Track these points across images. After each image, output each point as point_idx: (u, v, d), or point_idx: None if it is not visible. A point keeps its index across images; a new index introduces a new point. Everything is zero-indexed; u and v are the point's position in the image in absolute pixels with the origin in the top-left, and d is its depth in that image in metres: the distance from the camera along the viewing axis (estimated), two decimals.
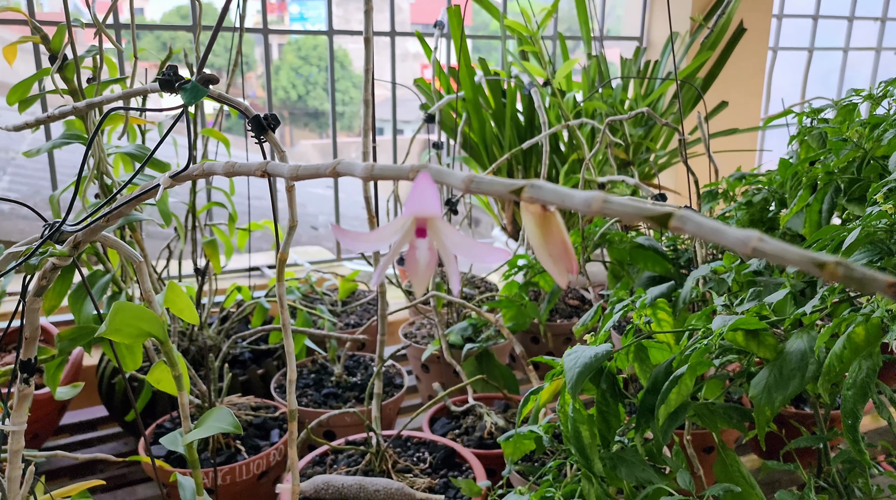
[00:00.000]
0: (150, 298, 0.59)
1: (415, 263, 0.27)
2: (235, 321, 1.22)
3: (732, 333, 0.67)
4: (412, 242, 0.27)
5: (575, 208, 0.26)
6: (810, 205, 0.85)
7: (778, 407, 0.63)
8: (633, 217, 0.25)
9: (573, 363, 0.66)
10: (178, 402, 0.60)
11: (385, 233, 0.26)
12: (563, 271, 0.29)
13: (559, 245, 0.29)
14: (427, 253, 0.26)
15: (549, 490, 0.73)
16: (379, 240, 0.27)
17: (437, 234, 0.27)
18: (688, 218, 0.24)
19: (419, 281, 0.27)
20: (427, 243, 0.26)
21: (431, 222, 0.26)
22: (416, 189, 0.25)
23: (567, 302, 1.41)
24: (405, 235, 0.27)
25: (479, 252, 0.27)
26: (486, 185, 0.28)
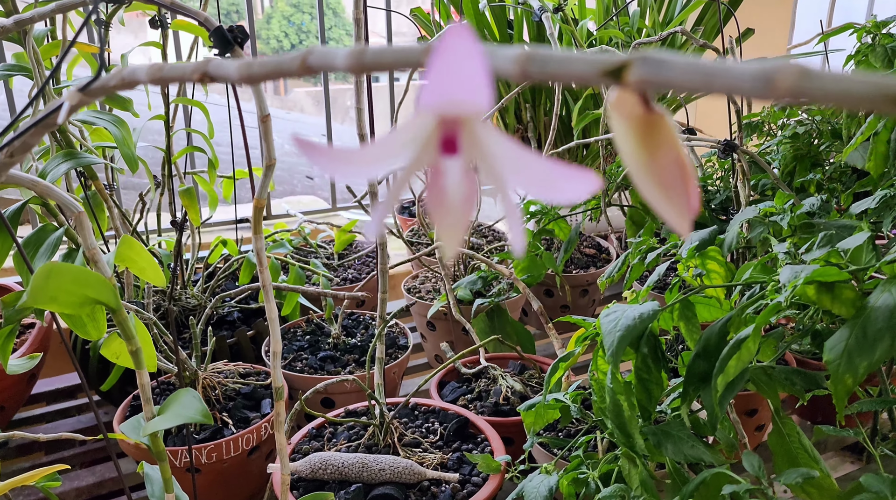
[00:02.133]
0: (94, 256, 0.48)
1: (441, 196, 0.15)
2: (222, 278, 1.11)
3: (802, 286, 0.56)
4: (435, 163, 0.15)
5: (742, 92, 0.14)
6: (878, 133, 0.73)
7: (862, 375, 0.52)
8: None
9: (612, 326, 0.55)
10: (138, 381, 0.49)
11: (386, 149, 0.15)
12: (683, 209, 0.18)
13: (673, 168, 0.18)
14: (462, 181, 0.15)
15: (581, 470, 0.63)
16: (376, 160, 0.15)
17: (478, 147, 0.15)
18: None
19: (451, 228, 0.16)
20: (461, 165, 0.15)
21: (468, 128, 0.15)
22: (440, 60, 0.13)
23: (582, 251, 1.30)
24: (421, 150, 0.15)
25: (552, 178, 0.15)
26: (556, 65, 0.16)
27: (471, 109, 0.14)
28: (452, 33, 0.13)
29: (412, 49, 0.18)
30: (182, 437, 0.80)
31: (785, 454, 0.65)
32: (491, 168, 0.16)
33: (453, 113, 0.15)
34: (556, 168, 0.15)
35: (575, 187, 0.15)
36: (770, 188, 0.96)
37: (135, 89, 0.30)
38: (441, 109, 0.15)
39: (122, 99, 0.76)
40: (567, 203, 0.13)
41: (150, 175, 0.94)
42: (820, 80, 0.13)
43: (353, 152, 0.15)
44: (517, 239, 0.16)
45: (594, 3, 1.47)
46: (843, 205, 0.83)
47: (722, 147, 0.84)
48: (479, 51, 0.13)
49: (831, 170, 0.87)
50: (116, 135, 0.78)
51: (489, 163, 0.16)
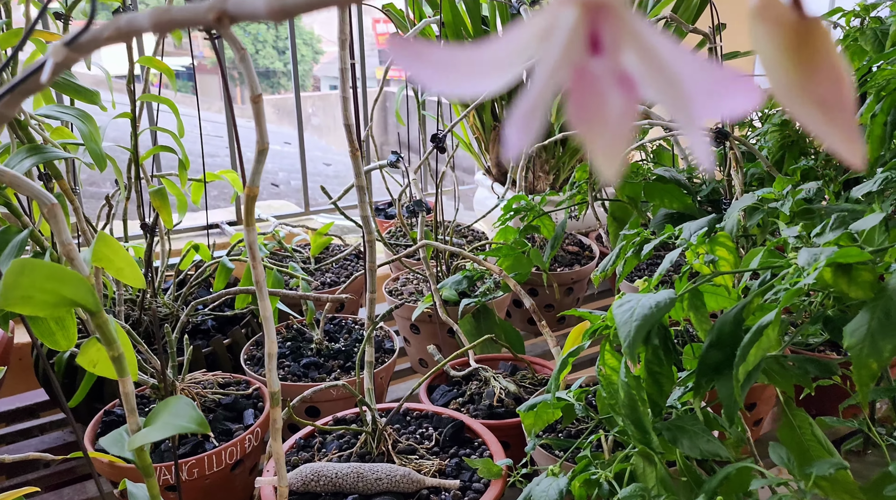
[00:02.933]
0: (70, 252, 0.43)
1: (591, 108, 0.12)
2: (194, 285, 1.06)
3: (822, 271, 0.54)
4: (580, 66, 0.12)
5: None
6: (875, 116, 0.72)
7: (888, 358, 0.50)
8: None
9: (628, 316, 0.53)
10: (120, 391, 0.44)
11: (510, 49, 0.12)
12: (849, 130, 0.14)
13: (831, 81, 0.15)
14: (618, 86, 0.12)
15: (591, 471, 0.60)
16: (495, 65, 0.12)
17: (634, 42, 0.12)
18: None
19: (609, 145, 0.12)
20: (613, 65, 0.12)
21: (618, 20, 0.12)
22: None
23: (565, 249, 1.27)
24: (563, 48, 0.12)
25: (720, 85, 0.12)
26: None
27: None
28: None
29: None
30: (160, 454, 0.75)
31: (797, 447, 0.63)
32: (653, 72, 0.12)
33: None
34: (720, 73, 0.12)
35: (738, 99, 0.12)
36: (757, 179, 0.95)
37: (96, 84, 0.26)
38: None
39: (88, 91, 0.71)
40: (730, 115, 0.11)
41: (118, 172, 0.88)
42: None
43: (464, 55, 0.12)
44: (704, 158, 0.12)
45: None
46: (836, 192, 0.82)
47: (714, 135, 0.83)
48: None
49: (821, 157, 0.86)
50: (83, 130, 0.73)
51: (651, 65, 0.12)
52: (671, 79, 0.12)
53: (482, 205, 1.58)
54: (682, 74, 0.12)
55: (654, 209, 1.03)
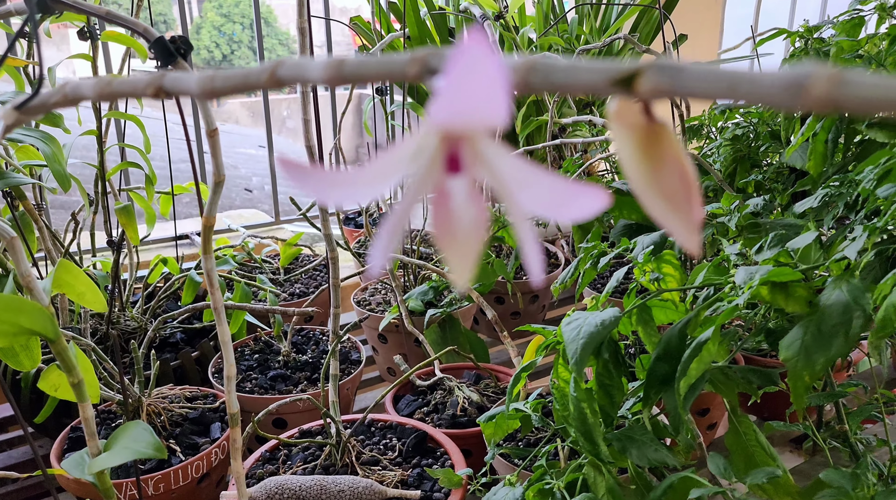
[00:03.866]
0: (29, 283, 0.44)
1: (449, 221, 0.14)
2: (163, 299, 1.06)
3: (759, 287, 0.56)
4: (439, 181, 0.14)
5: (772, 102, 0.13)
6: (816, 134, 0.75)
7: (820, 371, 0.53)
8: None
9: (575, 334, 0.55)
10: (81, 416, 0.46)
11: (382, 169, 0.14)
12: (688, 221, 0.17)
13: (676, 177, 0.17)
14: (470, 202, 0.14)
15: (546, 480, 0.62)
16: (371, 182, 0.14)
17: (483, 164, 0.14)
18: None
19: (461, 253, 0.14)
20: (467, 184, 0.14)
21: (472, 145, 0.14)
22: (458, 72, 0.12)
23: None
24: (426, 169, 0.14)
25: (562, 195, 0.14)
26: (562, 75, 0.15)
27: (484, 124, 0.13)
28: (470, 42, 0.12)
29: (397, 61, 0.17)
30: (126, 468, 0.76)
31: (742, 452, 0.66)
32: (499, 186, 0.14)
33: (462, 129, 0.13)
34: (565, 185, 0.14)
35: (584, 204, 0.14)
36: (712, 190, 0.98)
37: None
38: (455, 125, 0.13)
39: (52, 114, 0.72)
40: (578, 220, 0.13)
41: (83, 193, 0.89)
42: (856, 88, 0.12)
43: (344, 175, 0.14)
44: (534, 266, 0.14)
45: (534, 10, 1.48)
46: (783, 204, 0.86)
47: None
48: (497, 62, 0.12)
49: (770, 170, 0.89)
50: (46, 152, 0.73)
51: (497, 181, 0.14)
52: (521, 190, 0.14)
53: None
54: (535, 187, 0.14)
55: (615, 219, 1.06)
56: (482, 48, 0.12)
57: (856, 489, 0.50)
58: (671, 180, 0.17)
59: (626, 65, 0.15)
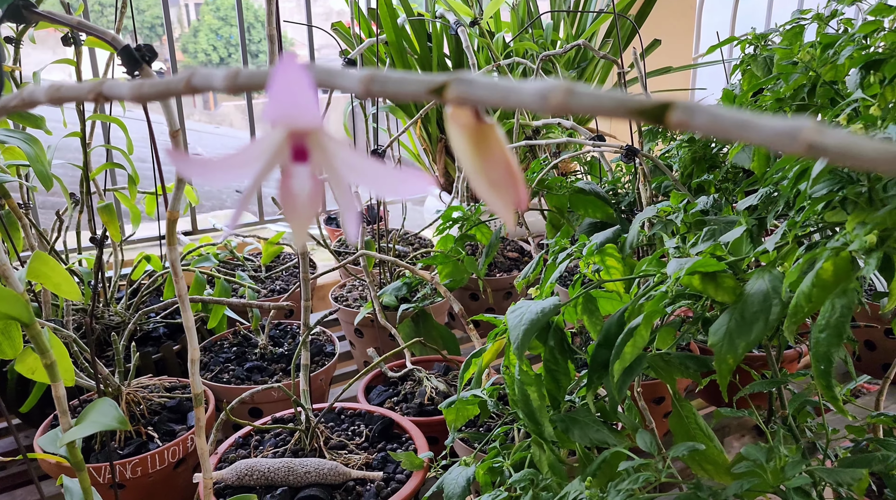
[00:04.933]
0: (5, 272, 0.49)
1: (290, 196, 0.18)
2: (146, 294, 1.10)
3: (688, 277, 0.61)
4: (286, 168, 0.18)
5: (526, 106, 0.18)
6: None
7: (741, 355, 0.57)
8: (613, 112, 0.17)
9: (518, 321, 0.59)
10: (53, 394, 0.50)
11: (245, 157, 0.18)
12: (509, 204, 0.21)
13: (501, 168, 0.21)
14: (308, 182, 0.18)
15: (496, 460, 0.66)
16: (237, 166, 0.18)
17: (324, 155, 0.18)
18: (694, 110, 0.16)
19: (298, 221, 0.19)
20: (308, 170, 0.18)
21: (315, 139, 0.18)
22: (277, 84, 0.16)
23: (505, 255, 1.34)
24: (274, 157, 0.18)
25: (388, 179, 0.18)
26: (394, 84, 0.19)
27: (308, 124, 0.17)
28: (285, 62, 0.16)
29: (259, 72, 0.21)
30: (106, 454, 0.80)
31: (684, 433, 0.70)
32: (335, 171, 0.19)
33: (296, 126, 0.18)
34: (393, 172, 0.18)
35: (409, 186, 0.18)
36: (673, 189, 1.03)
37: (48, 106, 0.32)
38: (284, 123, 0.17)
39: (33, 117, 0.76)
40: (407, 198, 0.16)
41: (66, 193, 0.93)
42: (581, 97, 0.17)
43: (218, 161, 0.18)
44: (350, 226, 0.19)
45: (510, 16, 1.53)
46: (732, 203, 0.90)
47: (625, 152, 0.90)
48: (307, 77, 0.16)
49: (724, 171, 0.94)
50: (29, 153, 0.77)
51: (334, 166, 0.18)
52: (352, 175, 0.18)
53: (432, 213, 1.64)
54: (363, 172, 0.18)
55: (581, 218, 1.10)
56: (295, 67, 0.16)
57: (769, 461, 0.54)
58: (497, 170, 0.21)
59: (439, 78, 0.19)
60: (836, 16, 0.79)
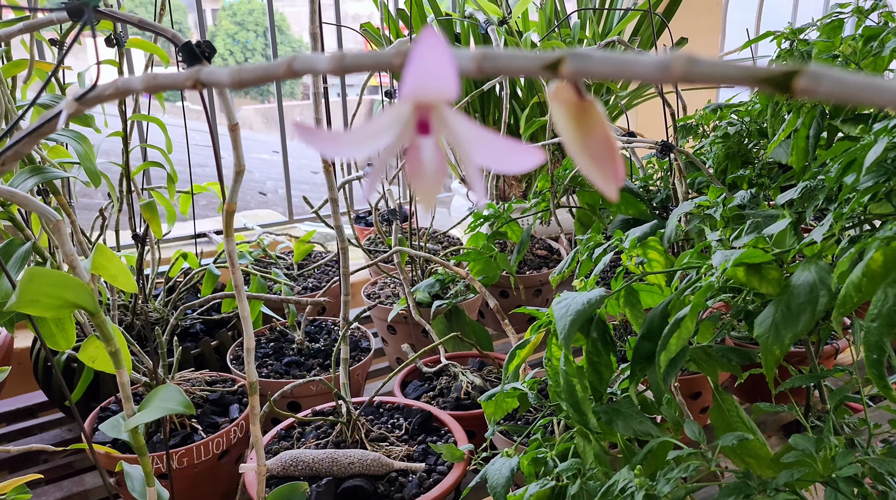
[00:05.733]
0: (73, 262, 0.50)
1: (419, 167, 0.19)
2: (183, 291, 1.12)
3: (733, 269, 0.61)
4: (412, 141, 0.19)
5: (644, 78, 0.18)
6: (797, 130, 0.80)
7: (788, 345, 0.58)
8: (738, 80, 0.18)
9: (564, 311, 0.60)
10: (118, 380, 0.51)
11: (372, 130, 0.19)
12: (610, 177, 0.22)
13: (602, 143, 0.22)
14: (434, 154, 0.19)
15: (540, 451, 0.67)
16: (364, 140, 0.19)
17: (446, 127, 0.19)
18: (822, 75, 0.17)
19: (427, 192, 0.20)
20: (433, 142, 0.19)
21: (437, 112, 0.19)
22: (417, 57, 0.17)
23: (535, 253, 1.35)
24: (401, 132, 0.19)
25: (503, 151, 0.19)
26: (506, 60, 0.20)
27: (442, 97, 0.18)
28: (425, 36, 0.17)
29: (386, 54, 0.22)
30: (152, 445, 0.81)
31: (725, 426, 0.70)
32: (458, 144, 0.19)
33: (427, 100, 0.19)
34: (508, 144, 0.19)
35: (523, 159, 0.19)
36: (706, 185, 1.03)
37: None
38: (418, 97, 0.18)
39: (84, 115, 0.78)
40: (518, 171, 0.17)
41: (112, 189, 0.95)
42: (703, 66, 0.17)
43: (342, 134, 0.19)
44: (479, 191, 0.20)
45: (537, 16, 1.54)
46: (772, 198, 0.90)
47: (660, 148, 0.90)
48: (447, 50, 0.17)
49: (759, 166, 0.94)
50: (79, 150, 0.79)
51: (456, 140, 0.19)
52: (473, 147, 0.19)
53: (459, 212, 1.65)
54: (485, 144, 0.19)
55: (613, 215, 1.10)
56: (434, 40, 0.17)
57: (819, 451, 0.55)
58: (597, 145, 0.22)
59: (553, 53, 0.20)
60: (876, 9, 0.79)
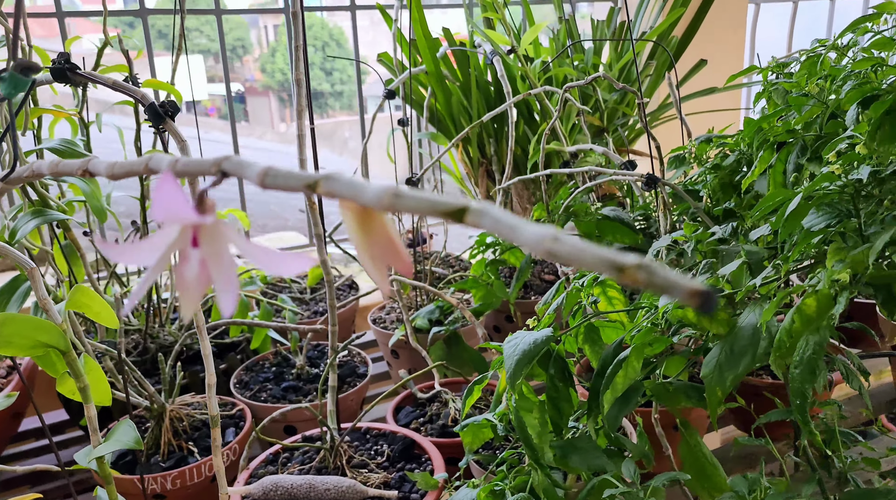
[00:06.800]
0: (45, 306, 0.55)
1: (181, 278, 0.23)
2: None
3: (682, 310, 0.62)
4: (184, 252, 0.22)
5: (366, 204, 0.21)
6: (773, 166, 0.80)
7: (729, 387, 0.59)
8: (426, 212, 0.21)
9: (512, 351, 0.62)
10: (86, 414, 0.56)
11: (153, 244, 0.22)
12: (385, 274, 0.25)
13: (383, 244, 0.25)
14: (196, 267, 0.22)
15: (498, 483, 0.69)
16: (147, 252, 0.22)
17: (214, 242, 0.22)
18: (484, 213, 0.20)
19: (187, 299, 0.23)
20: (199, 255, 0.22)
21: (205, 230, 0.22)
22: (156, 195, 0.20)
23: (542, 278, 1.36)
24: (176, 243, 0.22)
25: (272, 260, 0.22)
26: (282, 179, 0.24)
27: (183, 220, 0.22)
28: (163, 181, 0.20)
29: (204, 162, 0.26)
30: (148, 467, 0.86)
31: (692, 460, 0.71)
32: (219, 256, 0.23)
33: (174, 222, 0.22)
34: (276, 253, 0.22)
35: (289, 265, 0.22)
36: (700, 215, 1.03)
37: (102, 131, 0.38)
38: (166, 221, 0.22)
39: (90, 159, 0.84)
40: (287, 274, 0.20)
41: (119, 226, 1.02)
42: (406, 199, 0.20)
43: (132, 246, 0.22)
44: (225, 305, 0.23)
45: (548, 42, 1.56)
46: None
47: (645, 180, 0.92)
48: (178, 190, 0.21)
49: (748, 197, 0.94)
50: (86, 190, 0.86)
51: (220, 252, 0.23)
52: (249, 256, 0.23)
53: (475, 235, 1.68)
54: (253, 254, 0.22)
55: (610, 244, 1.11)
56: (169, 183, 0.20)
57: (752, 492, 0.55)
58: (379, 246, 0.25)
59: (313, 175, 0.23)
60: (853, 46, 0.79)
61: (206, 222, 0.22)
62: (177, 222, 0.21)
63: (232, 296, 0.23)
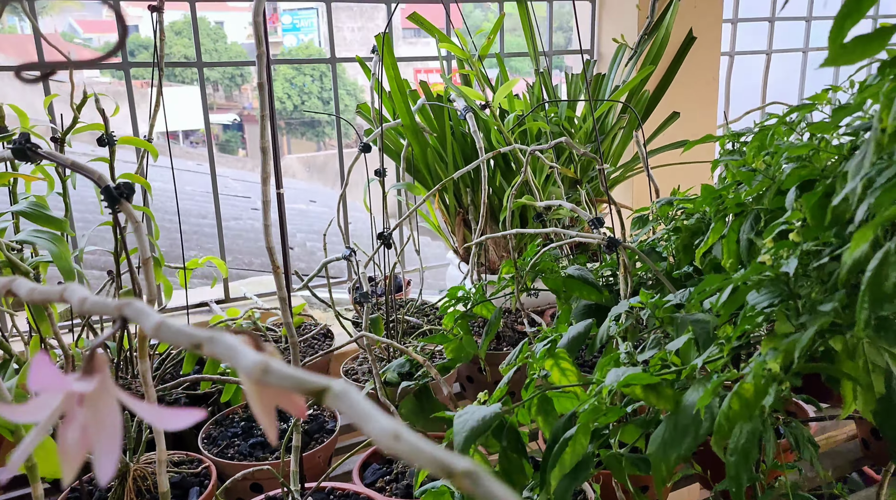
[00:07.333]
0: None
1: (63, 441, 0.24)
2: (169, 366, 1.19)
3: (629, 387, 0.64)
4: (70, 413, 0.24)
5: (240, 370, 0.23)
6: (726, 236, 0.82)
7: (673, 465, 0.60)
8: (291, 388, 0.22)
9: (461, 427, 0.63)
10: (32, 493, 0.57)
11: (42, 403, 0.24)
12: (273, 419, 0.26)
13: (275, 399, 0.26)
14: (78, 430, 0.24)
15: None
16: (36, 411, 0.24)
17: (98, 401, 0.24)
18: (343, 396, 0.21)
19: (67, 462, 0.24)
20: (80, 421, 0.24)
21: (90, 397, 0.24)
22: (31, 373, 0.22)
23: (514, 328, 1.38)
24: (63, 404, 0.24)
25: (162, 414, 0.24)
26: (172, 334, 0.25)
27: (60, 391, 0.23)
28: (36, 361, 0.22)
29: (108, 304, 0.27)
30: None
31: None
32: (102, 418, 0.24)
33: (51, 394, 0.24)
34: (163, 410, 0.24)
35: (179, 419, 0.24)
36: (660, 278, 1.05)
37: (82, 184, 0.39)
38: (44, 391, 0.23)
39: (58, 220, 0.85)
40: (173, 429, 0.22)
41: (88, 286, 1.03)
42: (274, 375, 0.22)
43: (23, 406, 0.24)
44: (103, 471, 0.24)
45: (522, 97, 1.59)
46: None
47: (605, 243, 0.94)
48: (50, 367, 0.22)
49: (707, 262, 0.96)
50: (54, 251, 0.87)
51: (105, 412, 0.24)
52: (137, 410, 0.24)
53: (454, 281, 1.69)
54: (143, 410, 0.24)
55: (577, 300, 1.13)
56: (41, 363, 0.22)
57: None
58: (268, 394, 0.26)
59: (201, 333, 0.25)
60: (802, 121, 0.81)
61: (85, 390, 0.24)
62: (53, 392, 0.23)
63: (112, 459, 0.24)
